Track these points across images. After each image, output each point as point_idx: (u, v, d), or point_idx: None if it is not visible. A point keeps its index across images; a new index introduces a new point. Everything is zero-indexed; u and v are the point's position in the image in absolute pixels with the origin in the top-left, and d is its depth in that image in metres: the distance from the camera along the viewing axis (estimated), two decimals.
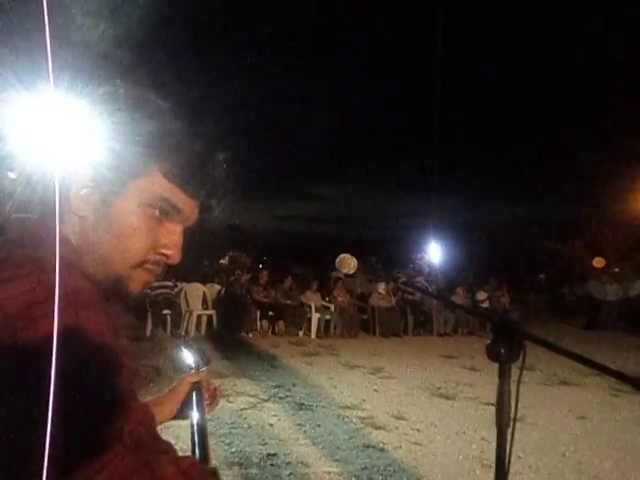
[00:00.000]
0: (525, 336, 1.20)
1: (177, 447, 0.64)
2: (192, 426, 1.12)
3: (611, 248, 22.02)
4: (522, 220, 25.16)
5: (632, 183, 19.53)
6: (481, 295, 13.10)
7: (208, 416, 1.15)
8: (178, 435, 2.00)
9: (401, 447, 4.16)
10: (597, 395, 6.22)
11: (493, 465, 3.40)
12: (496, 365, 1.19)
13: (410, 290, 12.48)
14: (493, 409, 3.96)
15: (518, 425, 1.07)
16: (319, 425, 4.63)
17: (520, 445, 4.13)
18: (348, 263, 1.59)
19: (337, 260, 1.60)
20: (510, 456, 1.09)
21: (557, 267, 22.03)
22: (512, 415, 1.16)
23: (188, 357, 1.20)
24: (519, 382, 1.10)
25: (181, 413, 1.14)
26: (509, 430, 1.19)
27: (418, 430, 4.63)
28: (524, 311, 14.82)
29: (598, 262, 22.55)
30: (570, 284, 19.04)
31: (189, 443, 1.07)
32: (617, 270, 18.89)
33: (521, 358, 1.16)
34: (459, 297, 12.64)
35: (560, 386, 6.70)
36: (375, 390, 6.06)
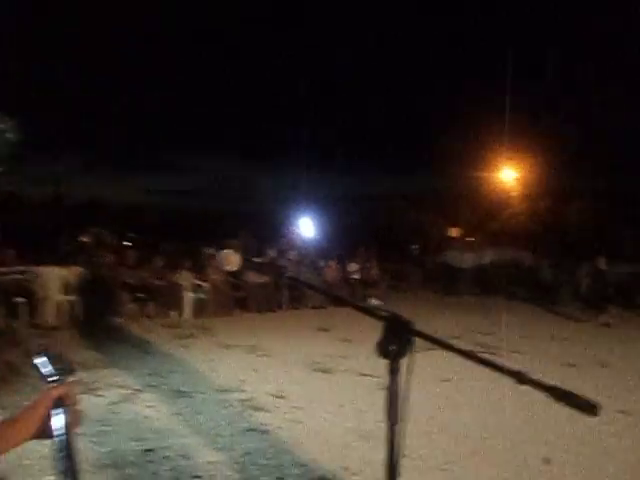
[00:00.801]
0: (415, 333, 1.20)
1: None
2: (56, 447, 0.97)
3: (465, 219, 24.05)
4: (389, 192, 26.54)
5: (480, 160, 21.28)
6: (352, 267, 13.61)
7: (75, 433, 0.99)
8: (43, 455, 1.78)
9: (282, 427, 4.19)
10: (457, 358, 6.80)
11: (369, 436, 3.54)
12: (370, 336, 1.20)
13: (285, 265, 12.62)
14: (368, 380, 4.16)
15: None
16: (198, 413, 4.50)
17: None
18: (231, 260, 1.49)
19: (219, 256, 1.50)
20: (399, 454, 1.08)
21: (421, 237, 23.57)
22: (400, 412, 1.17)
23: (46, 367, 1.03)
24: (407, 380, 1.10)
25: (43, 433, 0.98)
26: (397, 427, 1.20)
27: (298, 408, 4.70)
28: (395, 281, 15.78)
29: (454, 232, 24.62)
30: (431, 253, 20.40)
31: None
32: (471, 239, 20.74)
33: (408, 354, 1.17)
34: (331, 270, 13.05)
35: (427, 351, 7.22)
36: (254, 370, 6.04)
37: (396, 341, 1.19)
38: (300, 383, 5.55)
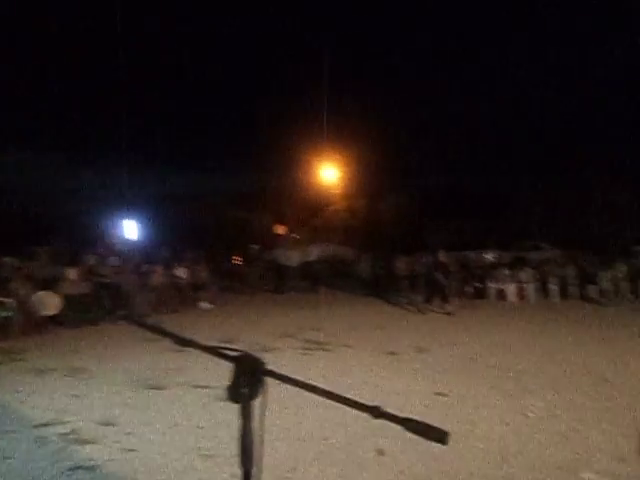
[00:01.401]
0: (266, 372, 1.15)
1: None
2: None
3: (291, 217, 24.79)
4: (214, 191, 26.17)
5: (303, 159, 22.07)
6: (180, 272, 13.13)
7: None
8: None
9: (113, 460, 3.83)
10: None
11: (210, 455, 3.38)
12: (205, 339, 1.20)
13: (104, 273, 11.68)
14: (204, 391, 3.97)
15: None
16: (9, 457, 3.90)
17: None
18: (50, 304, 1.28)
19: (34, 299, 1.28)
20: None
21: (248, 235, 23.67)
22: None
23: None
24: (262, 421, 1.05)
25: None
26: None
27: (130, 434, 4.35)
28: (229, 281, 15.62)
29: (281, 229, 25.23)
30: (260, 251, 20.56)
31: None
32: (296, 236, 21.43)
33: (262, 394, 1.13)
34: (157, 274, 12.42)
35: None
36: (75, 396, 5.44)
37: (247, 383, 1.13)
38: (130, 405, 5.15)
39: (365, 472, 3.58)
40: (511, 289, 13.93)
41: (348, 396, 1.01)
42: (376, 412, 1.10)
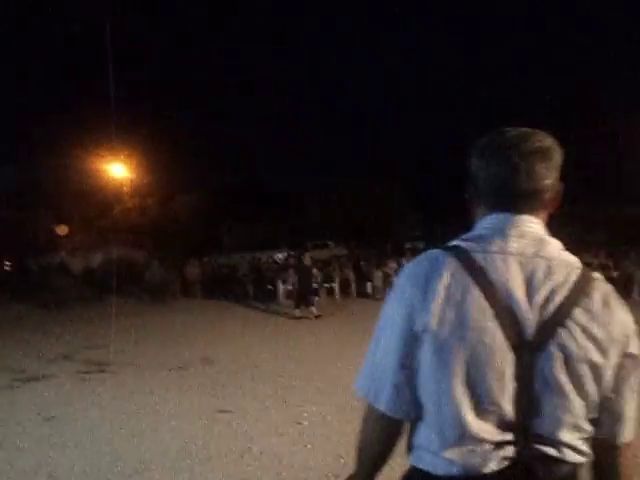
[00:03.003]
0: None
1: None
2: None
3: (76, 216, 22.59)
4: None
5: (88, 152, 20.29)
6: None
7: None
8: None
9: None
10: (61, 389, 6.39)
11: None
12: None
13: None
14: None
15: None
16: None
17: None
18: None
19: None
20: None
21: (21, 238, 20.97)
22: None
23: None
24: None
25: None
26: None
27: None
28: None
29: (61, 230, 22.83)
30: (35, 255, 18.47)
31: None
32: (79, 238, 19.65)
33: None
34: None
35: (28, 383, 6.52)
36: None
37: None
38: None
39: None
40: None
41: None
42: None
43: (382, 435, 1.20)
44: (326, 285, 15.26)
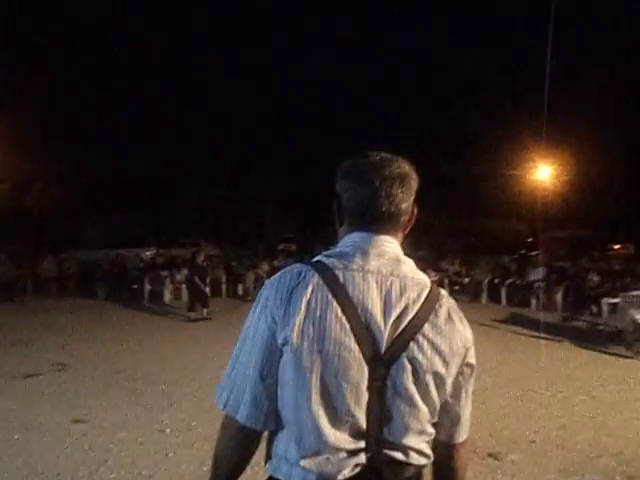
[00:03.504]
0: None
1: None
2: None
3: None
4: None
5: None
6: None
7: None
8: None
9: None
10: None
11: None
12: None
13: None
14: None
15: None
16: None
17: None
18: None
19: None
20: None
21: None
22: None
23: None
24: None
25: None
26: None
27: None
28: None
29: None
30: None
31: None
32: None
33: None
34: None
35: None
36: None
37: None
38: None
39: None
40: (168, 290, 14.23)
41: None
42: None
43: (240, 446, 1.20)
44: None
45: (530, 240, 24.72)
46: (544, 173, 20.76)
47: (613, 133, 20.01)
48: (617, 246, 23.56)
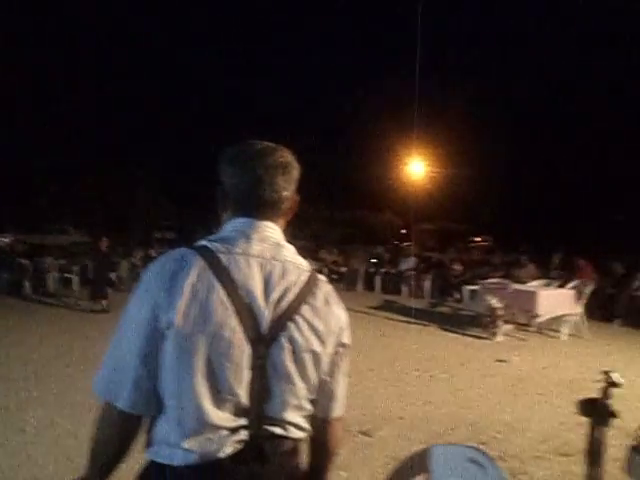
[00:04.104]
0: None
1: None
2: None
3: None
4: None
5: None
6: None
7: None
8: None
9: None
10: None
11: None
12: None
13: None
14: None
15: None
16: None
17: None
18: None
19: None
20: None
21: None
22: None
23: None
24: None
25: None
26: None
27: None
28: None
29: None
30: None
31: None
32: None
33: None
34: None
35: None
36: None
37: None
38: None
39: None
40: (27, 280, 13.09)
41: None
42: None
43: (121, 433, 1.19)
44: (66, 275, 13.91)
45: (403, 232, 26.30)
46: (417, 169, 22.11)
47: (483, 132, 21.79)
48: (478, 239, 25.82)
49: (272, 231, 1.29)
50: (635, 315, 10.45)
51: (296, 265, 1.27)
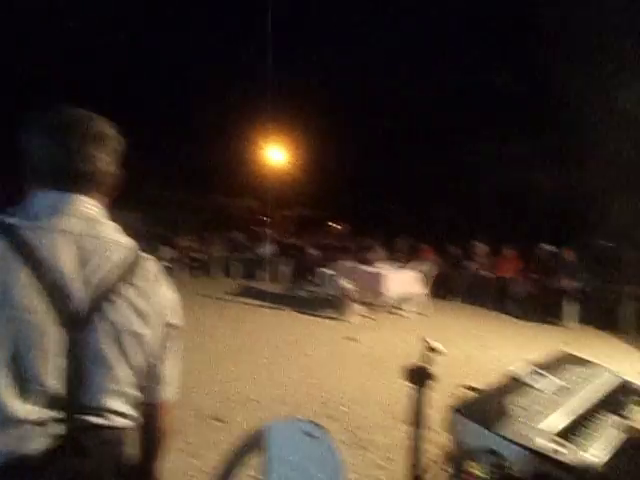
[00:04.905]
0: None
1: None
2: None
3: None
4: None
5: None
6: None
7: None
8: None
9: None
10: None
11: None
12: None
13: None
14: None
15: None
16: None
17: None
18: None
19: None
20: None
21: None
22: None
23: None
24: None
25: None
26: None
27: None
28: None
29: None
30: None
31: None
32: None
33: None
34: None
35: None
36: None
37: None
38: None
39: None
40: None
41: None
42: None
43: None
44: None
45: (262, 218, 26.37)
46: (276, 156, 22.25)
47: (335, 117, 22.19)
48: (334, 225, 26.82)
49: (88, 206, 1.19)
50: (474, 293, 11.71)
51: (117, 243, 1.19)
